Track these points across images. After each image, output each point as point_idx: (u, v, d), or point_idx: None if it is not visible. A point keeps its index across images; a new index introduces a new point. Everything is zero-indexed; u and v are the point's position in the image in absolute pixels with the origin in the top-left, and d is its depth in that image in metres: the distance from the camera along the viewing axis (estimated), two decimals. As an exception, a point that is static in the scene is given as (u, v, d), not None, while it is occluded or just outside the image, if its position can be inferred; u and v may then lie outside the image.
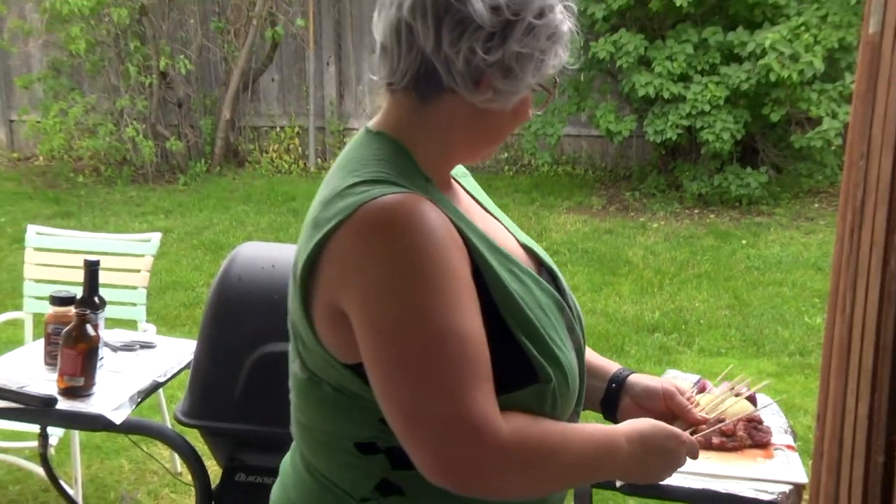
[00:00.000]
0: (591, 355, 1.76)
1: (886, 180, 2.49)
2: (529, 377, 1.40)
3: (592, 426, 1.46)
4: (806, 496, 3.23)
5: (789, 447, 2.31)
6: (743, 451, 2.27)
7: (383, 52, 1.45)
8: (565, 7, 1.45)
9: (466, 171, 1.69)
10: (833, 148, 8.56)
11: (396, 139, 1.47)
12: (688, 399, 1.79)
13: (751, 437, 2.29)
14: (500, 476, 1.32)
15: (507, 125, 1.51)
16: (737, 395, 2.27)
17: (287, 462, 1.63)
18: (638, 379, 1.77)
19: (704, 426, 1.76)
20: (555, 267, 1.64)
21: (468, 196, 1.62)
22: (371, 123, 1.53)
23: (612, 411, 1.76)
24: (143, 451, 3.96)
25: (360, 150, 1.48)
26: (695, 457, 1.58)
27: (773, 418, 2.44)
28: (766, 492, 2.12)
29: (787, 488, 2.14)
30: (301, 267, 1.41)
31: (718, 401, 2.20)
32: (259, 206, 9.03)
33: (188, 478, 2.44)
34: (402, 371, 1.30)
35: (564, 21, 1.44)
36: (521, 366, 1.40)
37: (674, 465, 1.55)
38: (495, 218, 1.64)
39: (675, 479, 2.11)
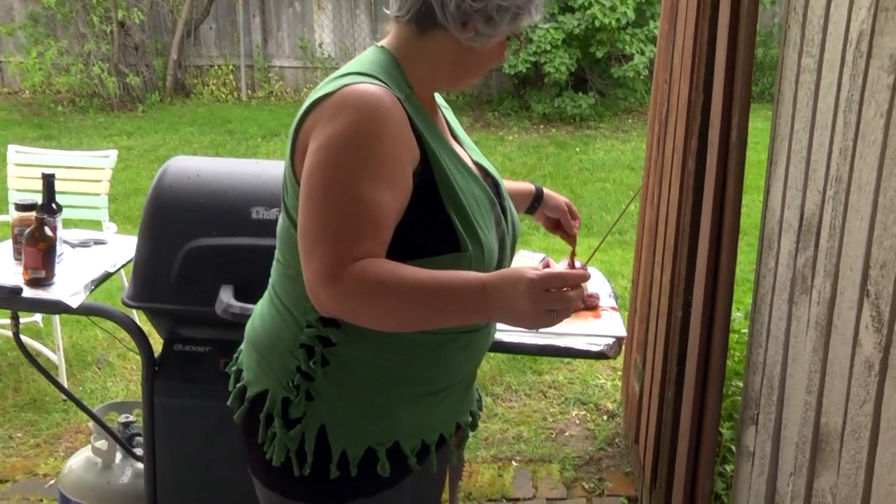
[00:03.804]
0: (511, 183, 1.81)
1: (685, 99, 2.42)
2: (453, 246, 1.37)
3: (459, 272, 1.29)
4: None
5: (613, 308, 2.25)
6: (577, 313, 2.18)
7: None
8: None
9: (447, 105, 1.63)
10: (642, 77, 8.67)
11: (394, 55, 1.43)
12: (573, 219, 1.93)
13: (583, 301, 2.21)
14: (339, 301, 1.26)
15: (485, 62, 1.46)
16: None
17: (260, 301, 1.57)
18: (549, 196, 1.92)
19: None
20: (500, 180, 1.60)
21: (443, 119, 1.56)
22: (380, 42, 1.48)
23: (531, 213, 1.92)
24: (101, 329, 3.78)
25: (365, 56, 1.45)
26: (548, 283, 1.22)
27: (600, 286, 2.37)
28: (596, 344, 2.06)
29: (611, 340, 2.08)
30: (296, 122, 1.37)
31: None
32: (202, 129, 8.68)
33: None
34: (310, 204, 1.28)
35: None
36: (447, 236, 1.37)
37: (531, 304, 1.21)
38: (458, 142, 1.57)
39: (524, 337, 2.06)
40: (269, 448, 1.43)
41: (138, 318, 3.56)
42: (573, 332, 2.10)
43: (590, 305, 2.23)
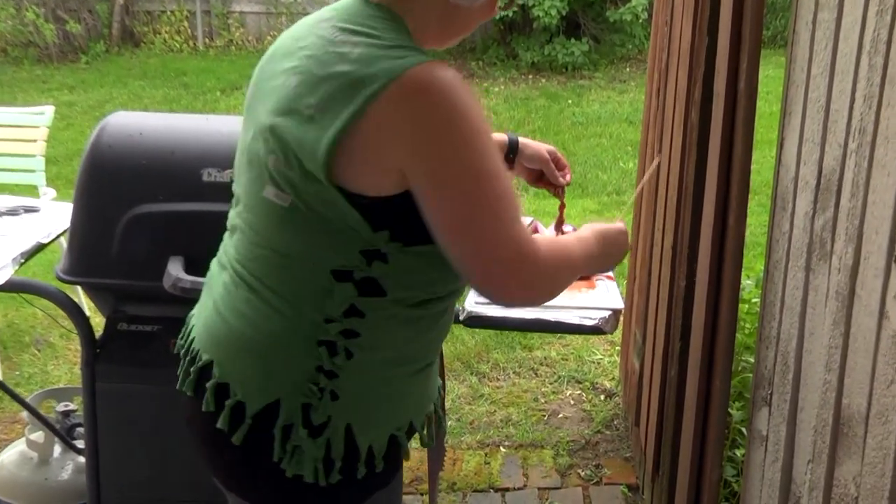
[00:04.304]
0: None
1: (687, 42, 2.38)
2: None
3: (575, 236, 1.53)
4: (621, 318, 3.21)
5: (609, 277, 2.21)
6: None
7: None
8: None
9: None
10: (640, 21, 8.64)
11: (398, 14, 1.37)
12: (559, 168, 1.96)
13: None
14: (536, 284, 1.36)
15: (474, 20, 1.46)
16: (563, 234, 2.18)
17: (232, 300, 1.44)
18: (525, 144, 1.92)
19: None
20: None
21: None
22: None
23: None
24: (40, 307, 3.73)
25: (370, 17, 1.36)
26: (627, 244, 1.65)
27: None
28: (590, 318, 2.03)
29: (607, 313, 2.05)
30: (346, 117, 1.27)
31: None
32: (154, 82, 8.61)
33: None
34: (462, 200, 1.28)
35: None
36: None
37: (623, 253, 1.63)
38: None
39: (509, 311, 2.03)
40: (290, 464, 1.38)
41: (81, 294, 3.52)
42: (565, 304, 2.06)
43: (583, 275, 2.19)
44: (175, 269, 2.01)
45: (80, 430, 2.40)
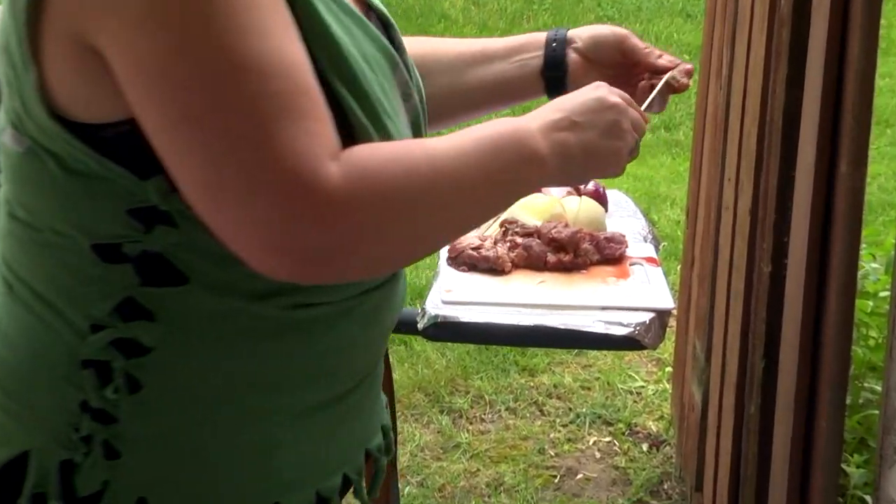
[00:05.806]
0: (490, 42, 1.81)
1: None
2: (347, 142, 1.28)
3: (478, 127, 1.40)
4: (672, 323, 3.23)
5: (650, 260, 2.23)
6: (589, 269, 2.18)
7: None
8: None
9: None
10: None
11: None
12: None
13: (598, 249, 2.20)
14: (347, 232, 1.23)
15: None
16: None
17: None
18: (580, 31, 1.79)
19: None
20: (388, 14, 1.57)
21: None
22: None
23: (557, 85, 1.77)
24: None
25: None
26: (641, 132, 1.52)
27: (628, 221, 2.34)
28: (620, 324, 2.03)
29: (647, 317, 2.05)
30: None
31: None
32: None
33: None
34: (186, 119, 1.21)
35: None
36: (338, 128, 1.28)
37: (618, 143, 1.47)
38: None
39: (497, 315, 2.03)
40: None
41: None
42: (582, 302, 2.08)
43: (611, 256, 2.21)
44: None
45: None
